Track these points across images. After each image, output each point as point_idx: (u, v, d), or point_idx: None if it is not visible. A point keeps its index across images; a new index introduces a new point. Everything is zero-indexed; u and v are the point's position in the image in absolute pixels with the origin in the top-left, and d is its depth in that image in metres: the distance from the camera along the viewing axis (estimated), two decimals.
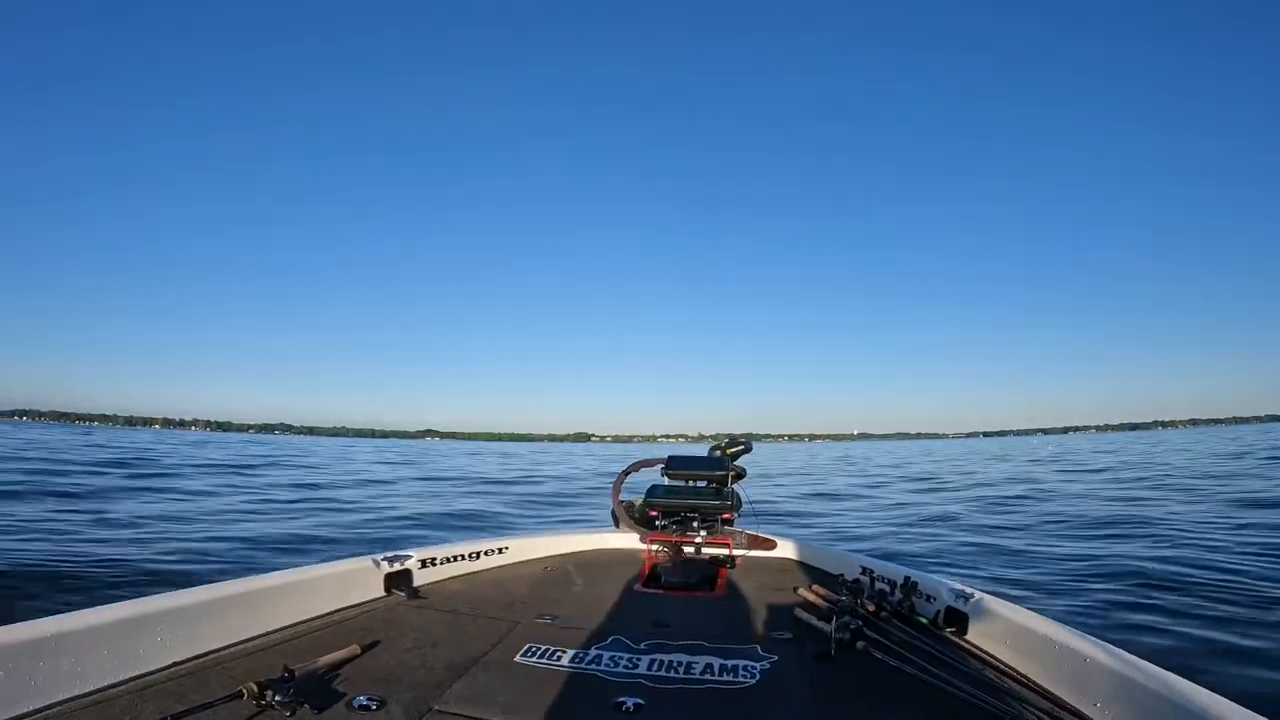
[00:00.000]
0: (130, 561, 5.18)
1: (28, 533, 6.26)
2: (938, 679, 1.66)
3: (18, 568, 4.72)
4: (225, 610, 1.87)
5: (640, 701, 1.57)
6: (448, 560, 2.77)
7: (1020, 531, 7.46)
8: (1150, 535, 6.60)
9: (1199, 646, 3.44)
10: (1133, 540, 6.42)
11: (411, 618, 2.21)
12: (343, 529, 7.62)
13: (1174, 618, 3.91)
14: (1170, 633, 3.67)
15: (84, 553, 5.36)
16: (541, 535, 3.45)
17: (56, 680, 1.47)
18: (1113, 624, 3.87)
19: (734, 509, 3.34)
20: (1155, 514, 7.89)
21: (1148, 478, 13.65)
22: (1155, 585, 4.57)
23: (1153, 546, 6.01)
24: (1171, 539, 6.29)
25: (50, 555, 5.21)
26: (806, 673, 1.79)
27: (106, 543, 5.96)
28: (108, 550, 5.56)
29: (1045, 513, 8.84)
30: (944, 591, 2.20)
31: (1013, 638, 1.88)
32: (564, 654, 1.89)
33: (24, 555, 5.19)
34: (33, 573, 4.61)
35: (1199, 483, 11.83)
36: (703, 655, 1.90)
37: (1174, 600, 4.24)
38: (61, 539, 6.00)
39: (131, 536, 6.39)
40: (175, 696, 1.52)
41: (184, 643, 1.74)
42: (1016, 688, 1.69)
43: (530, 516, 9.70)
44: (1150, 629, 3.75)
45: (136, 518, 7.60)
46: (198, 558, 5.57)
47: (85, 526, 6.82)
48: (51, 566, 4.81)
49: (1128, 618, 3.97)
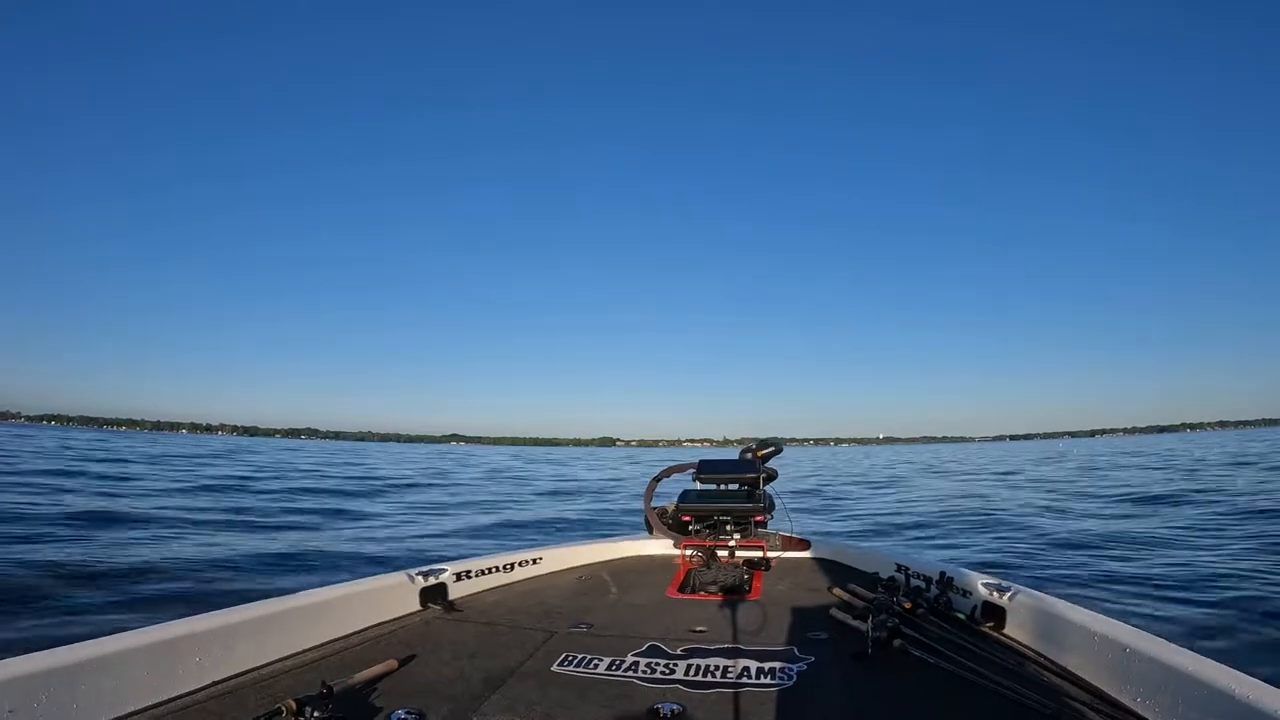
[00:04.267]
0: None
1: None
2: (976, 674, 1.65)
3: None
4: (262, 629, 1.90)
5: (678, 707, 1.58)
6: (482, 572, 2.79)
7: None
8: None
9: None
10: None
11: (448, 631, 2.24)
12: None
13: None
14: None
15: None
16: (575, 544, 3.45)
17: (98, 704, 1.49)
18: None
19: (767, 511, 3.32)
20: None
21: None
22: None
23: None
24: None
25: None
26: (844, 673, 1.79)
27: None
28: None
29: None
30: (980, 586, 2.18)
31: (1051, 630, 1.85)
32: (600, 662, 1.90)
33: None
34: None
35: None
36: (740, 658, 1.89)
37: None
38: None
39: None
40: (214, 716, 1.55)
41: (222, 662, 1.76)
42: (1056, 680, 1.67)
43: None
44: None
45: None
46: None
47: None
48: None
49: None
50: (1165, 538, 7.50)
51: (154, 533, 7.85)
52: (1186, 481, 14.44)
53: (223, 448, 49.47)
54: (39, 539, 6.91)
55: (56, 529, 7.55)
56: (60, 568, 5.59)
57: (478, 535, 9.10)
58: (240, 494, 13.26)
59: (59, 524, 7.87)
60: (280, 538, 8.14)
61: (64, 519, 8.24)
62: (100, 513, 9.00)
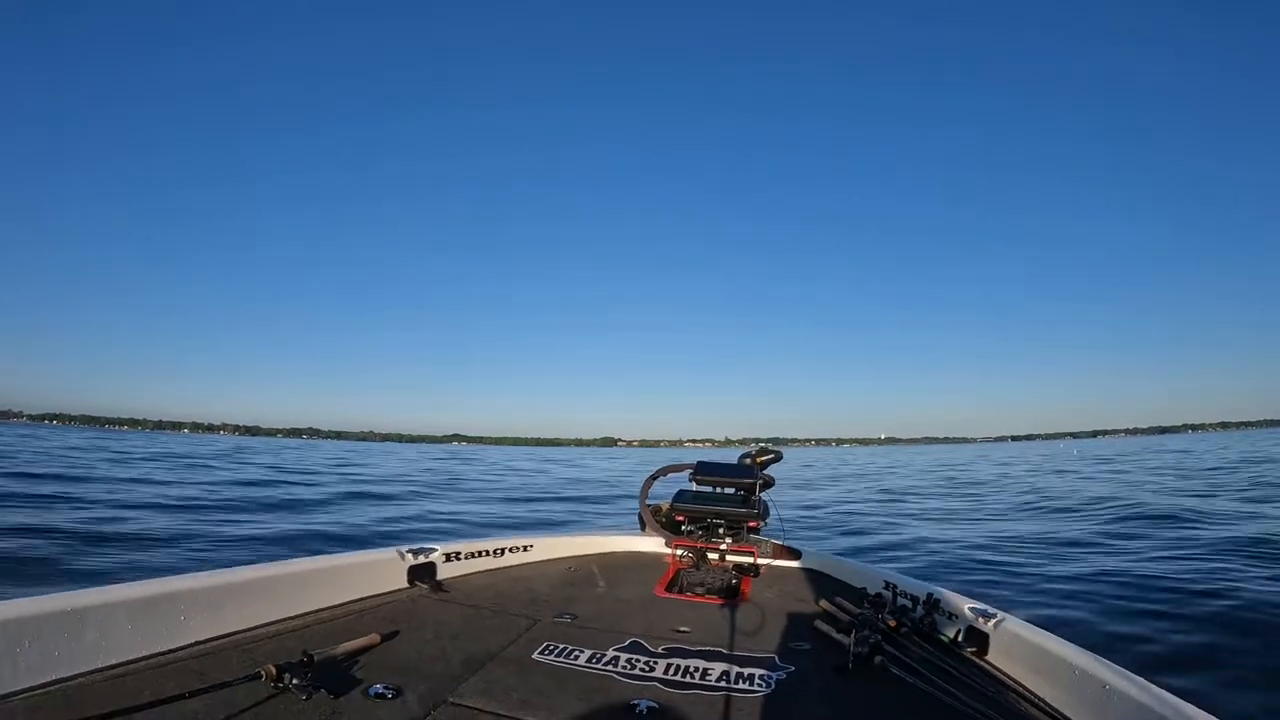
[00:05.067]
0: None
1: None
2: (954, 699, 1.63)
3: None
4: (249, 593, 1.91)
5: (654, 704, 1.58)
6: (472, 555, 2.79)
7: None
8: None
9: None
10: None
11: (433, 610, 2.25)
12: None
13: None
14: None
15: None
16: (567, 535, 3.45)
17: (80, 653, 1.50)
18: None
19: (761, 517, 3.31)
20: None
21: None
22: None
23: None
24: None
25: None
26: (824, 684, 1.78)
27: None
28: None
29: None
30: (966, 610, 2.15)
31: (1033, 661, 1.83)
32: (581, 653, 1.90)
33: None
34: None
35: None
36: (720, 662, 1.90)
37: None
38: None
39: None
40: (195, 675, 1.55)
41: (206, 623, 1.77)
42: (1034, 712, 1.65)
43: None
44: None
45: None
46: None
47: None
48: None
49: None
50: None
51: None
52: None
53: (305, 446, 50.57)
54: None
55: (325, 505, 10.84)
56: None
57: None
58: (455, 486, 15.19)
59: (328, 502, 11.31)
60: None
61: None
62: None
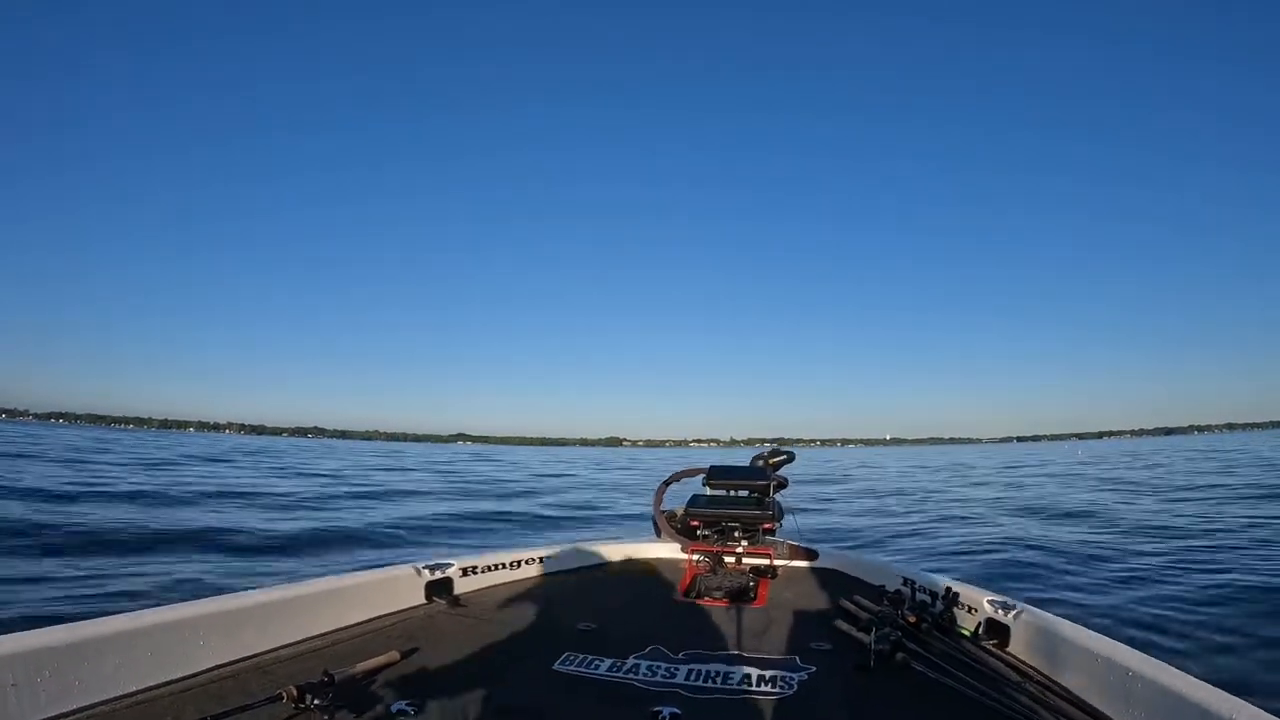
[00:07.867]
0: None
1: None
2: (977, 692, 1.63)
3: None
4: (267, 615, 1.92)
5: (677, 711, 1.58)
6: (489, 569, 2.79)
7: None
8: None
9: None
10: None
11: (451, 625, 2.25)
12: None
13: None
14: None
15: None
16: (583, 544, 3.44)
17: (100, 681, 1.51)
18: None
19: (775, 519, 3.30)
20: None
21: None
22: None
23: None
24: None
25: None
26: (845, 684, 1.78)
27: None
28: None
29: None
30: (985, 603, 2.15)
31: (1055, 650, 1.83)
32: (602, 662, 1.90)
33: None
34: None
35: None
36: (741, 665, 1.89)
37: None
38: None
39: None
40: (215, 699, 1.56)
41: (225, 646, 1.78)
42: (1058, 701, 1.65)
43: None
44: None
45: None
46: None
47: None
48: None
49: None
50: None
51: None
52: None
53: (319, 446, 51.44)
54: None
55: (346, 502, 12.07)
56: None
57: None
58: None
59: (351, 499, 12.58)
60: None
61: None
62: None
